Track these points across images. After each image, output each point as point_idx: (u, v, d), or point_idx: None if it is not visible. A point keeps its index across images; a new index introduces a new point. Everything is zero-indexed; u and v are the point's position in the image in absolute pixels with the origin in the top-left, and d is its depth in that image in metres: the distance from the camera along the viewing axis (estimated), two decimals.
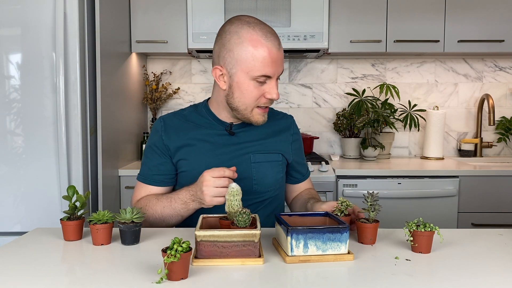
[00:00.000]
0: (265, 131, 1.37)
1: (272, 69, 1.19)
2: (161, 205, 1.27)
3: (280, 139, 1.39)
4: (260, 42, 1.17)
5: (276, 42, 1.19)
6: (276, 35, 1.21)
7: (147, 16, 2.43)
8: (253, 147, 1.34)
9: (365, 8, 2.44)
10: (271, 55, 1.17)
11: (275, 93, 1.21)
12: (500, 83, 2.83)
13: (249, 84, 1.21)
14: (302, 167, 1.48)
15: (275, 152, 1.36)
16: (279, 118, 1.44)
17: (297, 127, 1.47)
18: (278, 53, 1.19)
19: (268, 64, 1.17)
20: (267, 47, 1.17)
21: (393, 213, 2.21)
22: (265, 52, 1.17)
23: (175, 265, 0.86)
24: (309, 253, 0.99)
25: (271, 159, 1.35)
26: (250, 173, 1.32)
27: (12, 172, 1.94)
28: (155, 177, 1.35)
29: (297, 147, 1.45)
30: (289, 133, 1.42)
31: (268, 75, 1.19)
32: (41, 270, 0.95)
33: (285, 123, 1.44)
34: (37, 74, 1.91)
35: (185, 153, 1.33)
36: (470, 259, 1.02)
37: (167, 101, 2.81)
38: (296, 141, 1.45)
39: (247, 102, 1.23)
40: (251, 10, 2.35)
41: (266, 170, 1.34)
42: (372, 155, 2.59)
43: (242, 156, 1.32)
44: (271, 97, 1.21)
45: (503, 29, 2.44)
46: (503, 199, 2.26)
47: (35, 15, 1.89)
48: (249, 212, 1.02)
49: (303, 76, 2.83)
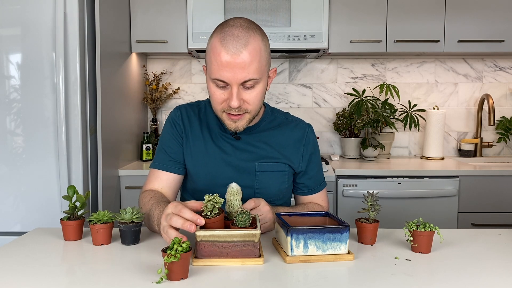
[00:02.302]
0: (274, 138, 1.33)
1: (226, 74, 1.11)
2: (146, 207, 1.21)
3: (289, 149, 1.33)
4: (217, 45, 1.12)
5: (232, 48, 1.10)
6: (242, 41, 1.10)
7: (147, 16, 2.43)
8: (258, 154, 1.30)
9: (365, 8, 2.44)
10: (224, 59, 1.11)
11: (232, 100, 1.14)
12: (500, 83, 2.83)
13: (211, 87, 1.18)
14: (310, 181, 1.38)
15: (282, 162, 1.32)
16: (292, 127, 1.36)
17: (312, 138, 1.38)
18: (232, 59, 1.10)
19: (220, 68, 1.11)
20: (220, 51, 1.11)
21: (393, 213, 2.21)
22: (219, 56, 1.11)
23: (175, 265, 0.86)
24: (309, 253, 0.99)
25: (276, 169, 1.31)
26: (253, 181, 1.29)
27: (12, 172, 1.94)
28: (169, 163, 1.31)
29: (308, 159, 1.36)
30: (301, 144, 1.34)
31: (222, 79, 1.12)
32: (41, 270, 0.95)
33: (298, 133, 1.35)
34: (37, 74, 1.91)
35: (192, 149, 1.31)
36: (470, 259, 1.02)
37: (167, 101, 2.81)
38: (308, 152, 1.35)
39: (214, 105, 1.21)
40: (251, 10, 2.35)
41: (270, 179, 1.31)
42: (372, 155, 2.59)
43: (247, 163, 1.29)
44: (229, 103, 1.15)
45: (503, 29, 2.44)
46: (503, 199, 2.26)
47: (35, 15, 1.89)
48: (249, 212, 1.02)
49: (303, 76, 2.83)
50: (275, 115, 1.38)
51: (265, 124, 1.34)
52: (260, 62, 1.14)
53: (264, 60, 1.16)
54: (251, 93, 1.16)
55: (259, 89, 1.17)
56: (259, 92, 1.17)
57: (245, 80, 1.12)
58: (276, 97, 2.84)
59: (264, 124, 1.34)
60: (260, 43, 1.14)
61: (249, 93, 1.16)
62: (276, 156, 1.32)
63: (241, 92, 1.15)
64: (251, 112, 1.20)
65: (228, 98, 1.15)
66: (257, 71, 1.13)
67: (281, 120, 1.37)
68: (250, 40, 1.12)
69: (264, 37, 1.17)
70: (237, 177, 1.25)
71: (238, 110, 1.17)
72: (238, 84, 1.13)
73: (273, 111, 1.39)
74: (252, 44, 1.12)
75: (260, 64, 1.14)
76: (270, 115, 1.37)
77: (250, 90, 1.15)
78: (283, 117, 1.39)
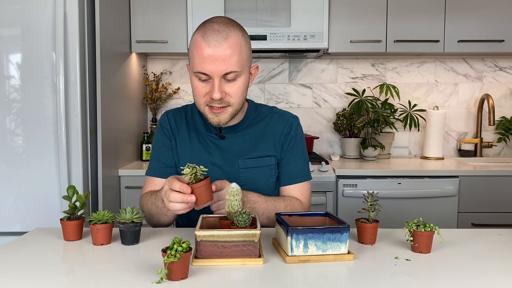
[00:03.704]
0: (257, 133, 1.34)
1: (208, 67, 1.15)
2: (150, 202, 1.25)
3: (272, 139, 1.34)
4: (198, 39, 1.16)
5: (213, 40, 1.14)
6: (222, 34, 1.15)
7: (147, 16, 2.43)
8: (242, 151, 1.32)
9: (365, 8, 2.44)
10: (205, 52, 1.14)
11: (214, 92, 1.17)
12: (500, 83, 2.83)
13: (194, 80, 1.21)
14: (286, 170, 1.35)
15: (267, 155, 1.33)
16: (276, 118, 1.37)
17: (296, 129, 1.37)
18: (213, 52, 1.14)
19: (202, 61, 1.15)
20: (202, 44, 1.15)
21: (393, 213, 2.21)
22: (200, 49, 1.15)
23: (175, 265, 0.86)
24: (309, 253, 0.99)
25: (261, 164, 1.32)
26: (238, 178, 1.30)
27: (12, 172, 1.94)
28: (162, 170, 1.35)
29: (287, 148, 1.35)
30: (283, 134, 1.35)
31: (204, 72, 1.16)
32: (41, 270, 0.95)
33: (281, 124, 1.36)
34: (37, 74, 1.91)
35: (179, 151, 1.34)
36: (470, 259, 1.02)
37: (167, 101, 2.81)
38: (288, 141, 1.35)
39: (197, 100, 1.23)
40: (251, 10, 2.35)
41: (256, 175, 1.32)
42: (372, 155, 2.59)
43: (231, 161, 1.31)
44: (211, 96, 1.18)
45: (503, 29, 2.44)
46: (503, 199, 2.26)
47: (35, 15, 1.89)
48: (249, 212, 1.02)
49: (303, 76, 2.83)
50: (259, 110, 1.39)
51: (249, 121, 1.36)
52: (240, 55, 1.18)
53: (245, 55, 1.20)
54: (233, 86, 1.20)
55: (241, 82, 1.21)
56: (240, 86, 1.21)
57: (226, 72, 1.16)
58: (276, 97, 2.84)
59: (248, 120, 1.36)
60: (240, 38, 1.19)
61: (231, 86, 1.19)
62: (260, 150, 1.33)
63: (223, 85, 1.19)
64: (233, 105, 1.22)
65: (211, 90, 1.19)
66: (238, 64, 1.17)
67: (265, 114, 1.38)
68: (230, 34, 1.16)
69: (244, 33, 1.22)
70: (223, 176, 1.26)
71: (220, 102, 1.20)
72: (219, 76, 1.16)
73: (258, 107, 1.41)
74: (232, 37, 1.16)
75: (241, 57, 1.18)
76: (254, 112, 1.38)
77: (232, 83, 1.19)
78: (267, 110, 1.40)
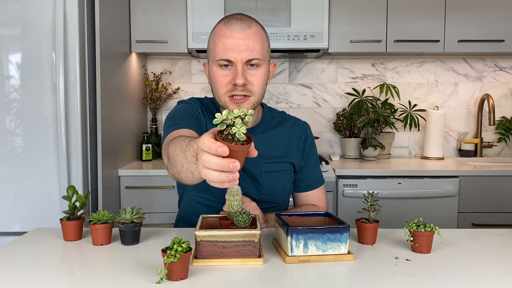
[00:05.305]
0: (275, 138, 1.34)
1: (232, 53, 1.16)
2: (179, 147, 0.94)
3: (290, 147, 1.35)
4: (221, 28, 1.18)
5: (238, 27, 1.17)
6: (246, 22, 1.18)
7: (147, 16, 2.43)
8: (263, 155, 1.29)
9: (365, 8, 2.44)
10: (229, 39, 1.16)
11: (238, 77, 1.17)
12: (500, 83, 2.83)
13: (214, 71, 1.20)
14: (308, 177, 1.39)
15: (285, 161, 1.34)
16: (290, 125, 1.39)
17: (310, 135, 1.41)
18: (237, 37, 1.16)
19: (226, 47, 1.16)
20: (225, 31, 1.17)
21: (393, 213, 2.21)
22: (224, 36, 1.17)
23: (175, 265, 0.86)
24: (309, 253, 0.99)
25: (281, 169, 1.33)
26: (259, 182, 1.30)
27: (12, 172, 1.94)
28: (189, 126, 1.22)
29: (307, 155, 1.38)
30: (300, 141, 1.37)
31: (228, 58, 1.17)
32: (41, 270, 0.95)
33: (297, 130, 1.38)
34: (37, 74, 1.91)
35: None
36: (470, 259, 1.02)
37: (167, 101, 2.80)
38: (306, 148, 1.39)
39: (218, 92, 1.21)
40: (251, 10, 2.35)
41: (276, 180, 1.32)
42: (372, 155, 2.59)
43: (252, 164, 1.29)
44: (234, 82, 1.18)
45: (503, 29, 2.44)
46: (503, 199, 2.26)
47: (35, 15, 1.89)
48: (249, 212, 1.02)
49: (303, 76, 2.83)
50: (273, 115, 1.41)
51: (265, 124, 1.36)
52: (262, 45, 1.20)
53: (266, 46, 1.22)
54: (255, 75, 1.20)
55: (262, 72, 1.21)
56: (262, 75, 1.21)
57: (249, 58, 1.17)
58: (276, 97, 2.83)
59: (264, 124, 1.36)
60: (261, 30, 1.22)
61: (253, 74, 1.20)
62: (280, 156, 1.33)
63: (246, 72, 1.19)
64: (255, 95, 1.21)
65: (233, 77, 1.18)
66: (260, 52, 1.18)
67: (279, 119, 1.39)
68: (253, 23, 1.19)
69: (264, 29, 1.24)
70: (244, 179, 1.26)
71: (243, 89, 1.19)
72: (243, 62, 1.17)
73: (271, 111, 1.42)
74: (255, 27, 1.19)
75: (263, 47, 1.20)
76: (269, 115, 1.39)
77: (254, 70, 1.20)
78: (280, 116, 1.42)
